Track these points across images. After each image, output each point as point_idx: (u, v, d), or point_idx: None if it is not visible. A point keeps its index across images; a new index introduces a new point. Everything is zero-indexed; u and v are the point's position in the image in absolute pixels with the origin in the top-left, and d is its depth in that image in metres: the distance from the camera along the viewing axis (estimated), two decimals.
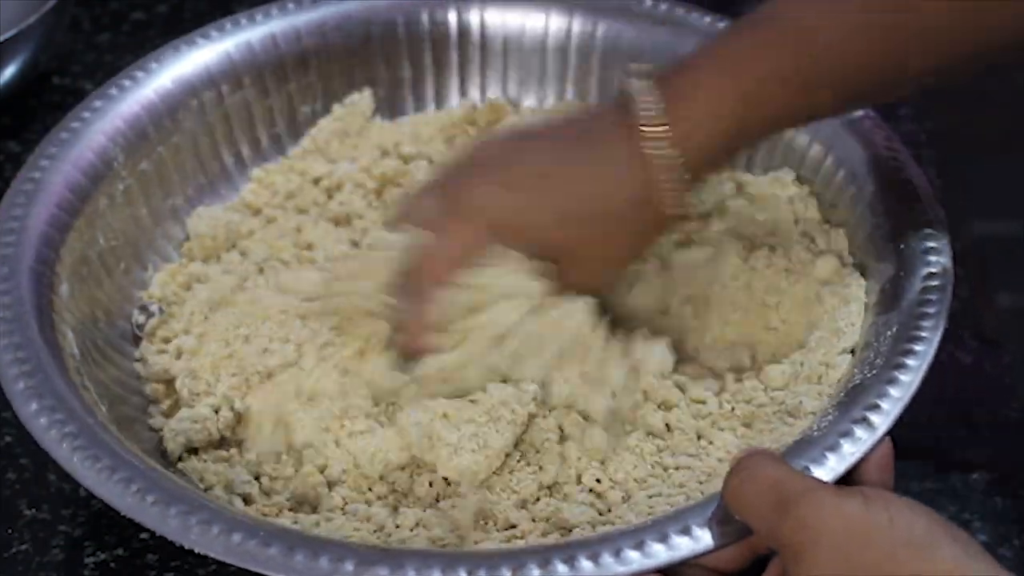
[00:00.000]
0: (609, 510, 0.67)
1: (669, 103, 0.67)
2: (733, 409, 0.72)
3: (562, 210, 0.69)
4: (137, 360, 0.76)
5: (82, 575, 0.71)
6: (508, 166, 0.71)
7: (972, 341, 0.67)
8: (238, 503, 0.68)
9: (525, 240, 0.69)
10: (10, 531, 0.72)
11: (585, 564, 0.59)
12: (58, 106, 0.96)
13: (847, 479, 0.62)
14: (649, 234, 0.71)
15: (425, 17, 0.88)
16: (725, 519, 0.60)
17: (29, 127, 0.96)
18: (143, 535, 0.71)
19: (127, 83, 0.82)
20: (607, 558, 0.59)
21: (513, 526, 0.66)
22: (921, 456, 0.76)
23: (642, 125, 0.67)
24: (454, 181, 0.72)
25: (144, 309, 0.78)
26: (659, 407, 0.71)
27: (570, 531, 0.66)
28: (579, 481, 0.69)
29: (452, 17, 0.88)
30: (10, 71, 0.93)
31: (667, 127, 0.67)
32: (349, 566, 0.59)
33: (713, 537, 0.60)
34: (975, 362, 0.80)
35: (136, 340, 0.77)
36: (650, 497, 0.68)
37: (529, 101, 0.89)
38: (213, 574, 0.70)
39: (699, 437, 0.71)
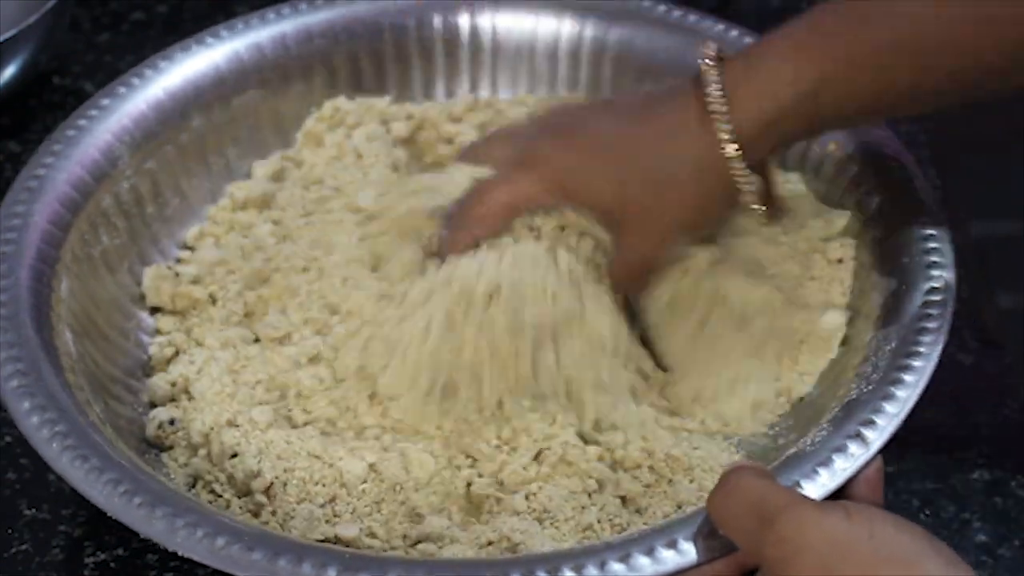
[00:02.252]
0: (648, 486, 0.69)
1: (730, 77, 0.68)
2: None
3: (624, 174, 0.70)
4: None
5: (82, 575, 0.71)
6: (576, 129, 0.72)
7: (972, 341, 0.66)
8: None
9: (584, 201, 0.70)
10: (10, 531, 0.72)
11: None
12: (58, 106, 0.96)
13: (837, 496, 0.62)
14: (712, 206, 0.71)
15: (438, 20, 0.88)
16: (711, 533, 0.60)
17: (29, 127, 0.95)
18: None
19: (135, 81, 0.82)
20: (592, 570, 0.59)
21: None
22: (921, 456, 0.75)
23: (707, 98, 0.68)
24: (524, 136, 0.73)
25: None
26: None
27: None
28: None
29: (464, 21, 0.88)
30: (10, 71, 0.92)
31: (725, 98, 0.68)
32: (332, 572, 0.59)
33: (698, 551, 0.60)
34: (975, 362, 0.79)
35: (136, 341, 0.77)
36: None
37: None
38: (213, 574, 0.70)
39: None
